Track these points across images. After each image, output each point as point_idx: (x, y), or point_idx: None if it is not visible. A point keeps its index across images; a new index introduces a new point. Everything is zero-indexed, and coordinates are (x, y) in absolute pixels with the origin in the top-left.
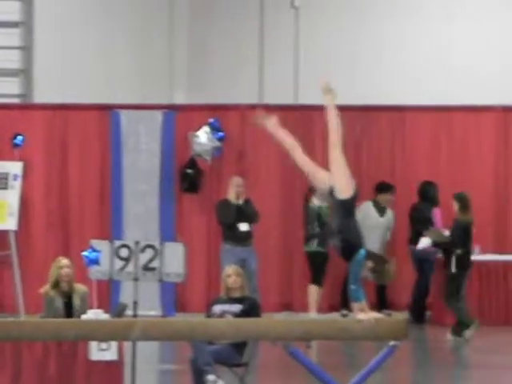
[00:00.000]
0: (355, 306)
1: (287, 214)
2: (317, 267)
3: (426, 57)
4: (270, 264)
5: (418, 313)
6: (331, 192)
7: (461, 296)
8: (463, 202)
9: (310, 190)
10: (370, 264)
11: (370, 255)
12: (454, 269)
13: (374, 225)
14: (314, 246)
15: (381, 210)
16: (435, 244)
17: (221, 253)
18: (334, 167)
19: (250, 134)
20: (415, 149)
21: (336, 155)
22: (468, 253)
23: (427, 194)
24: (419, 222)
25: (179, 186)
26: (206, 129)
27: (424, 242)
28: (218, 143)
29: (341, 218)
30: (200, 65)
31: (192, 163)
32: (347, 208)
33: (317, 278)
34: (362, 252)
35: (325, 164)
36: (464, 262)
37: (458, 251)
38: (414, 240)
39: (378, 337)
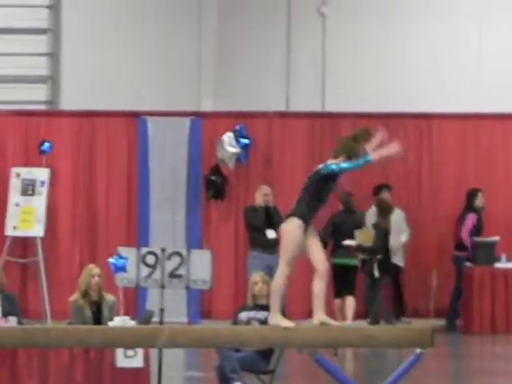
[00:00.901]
0: None
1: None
2: (351, 279)
3: (454, 63)
4: (296, 271)
5: (452, 319)
6: None
7: (378, 297)
8: (382, 208)
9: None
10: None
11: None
12: (377, 273)
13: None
14: (341, 258)
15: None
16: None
17: (248, 260)
18: None
19: (276, 142)
20: (442, 156)
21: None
22: (389, 257)
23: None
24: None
25: (205, 193)
26: (229, 134)
27: (351, 240)
28: (240, 149)
29: None
30: (227, 72)
31: (216, 170)
32: None
33: (344, 290)
34: (368, 158)
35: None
36: (386, 267)
37: (379, 256)
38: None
39: (404, 345)
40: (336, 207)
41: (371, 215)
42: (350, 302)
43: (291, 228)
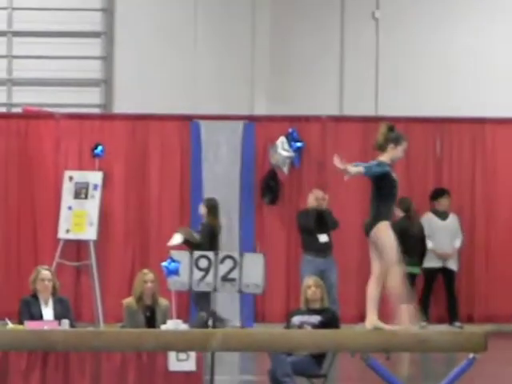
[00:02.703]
0: None
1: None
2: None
3: (507, 66)
4: (349, 275)
5: None
6: None
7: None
8: (211, 207)
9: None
10: None
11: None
12: None
13: (439, 230)
14: (408, 266)
15: (441, 215)
16: (185, 242)
17: (301, 264)
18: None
19: (330, 145)
20: (496, 160)
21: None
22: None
23: None
24: None
25: (262, 199)
26: (282, 139)
27: (176, 239)
28: (293, 154)
29: None
30: (281, 75)
31: (273, 175)
32: None
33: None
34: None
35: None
36: None
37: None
38: None
39: (457, 349)
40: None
41: (428, 220)
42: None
43: (383, 231)
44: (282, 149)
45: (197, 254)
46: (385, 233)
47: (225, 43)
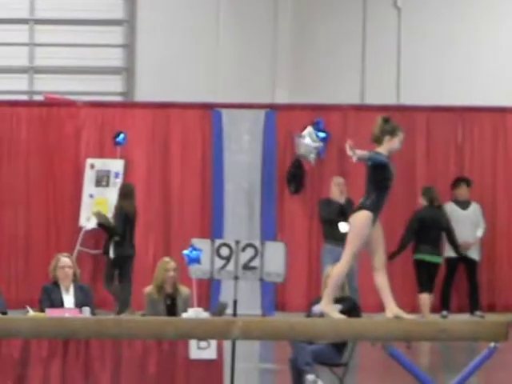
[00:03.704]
0: None
1: (389, 215)
2: (429, 275)
3: None
4: (370, 264)
5: None
6: None
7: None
8: (126, 191)
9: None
10: None
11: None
12: (112, 254)
13: (461, 219)
14: (426, 254)
15: (462, 205)
16: (100, 225)
17: (321, 252)
18: None
19: (351, 135)
20: None
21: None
22: (126, 240)
23: None
24: None
25: (287, 188)
26: (309, 129)
27: (91, 223)
28: (320, 144)
29: None
30: (302, 64)
31: (297, 164)
32: None
33: (427, 286)
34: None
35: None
36: (123, 249)
37: (117, 238)
38: None
39: (477, 338)
40: (415, 202)
41: (449, 210)
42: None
43: (361, 219)
44: (311, 139)
45: (218, 242)
46: (363, 223)
47: (247, 32)
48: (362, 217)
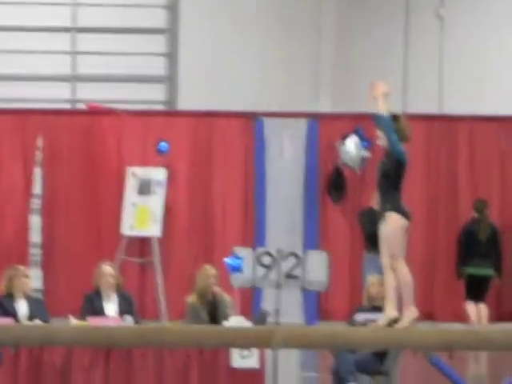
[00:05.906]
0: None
1: (430, 224)
2: (483, 289)
3: None
4: (412, 273)
5: None
6: None
7: None
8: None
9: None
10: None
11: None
12: None
13: None
14: (479, 268)
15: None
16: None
17: (363, 261)
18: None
19: None
20: None
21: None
22: None
23: None
24: None
25: (329, 197)
26: (353, 137)
27: None
28: (365, 153)
29: None
30: (345, 72)
31: (337, 172)
32: None
33: (484, 297)
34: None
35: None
36: None
37: None
38: None
39: None
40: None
41: None
42: (483, 309)
43: (395, 223)
44: (355, 148)
45: (260, 250)
46: (399, 226)
47: (290, 40)
48: (394, 221)
